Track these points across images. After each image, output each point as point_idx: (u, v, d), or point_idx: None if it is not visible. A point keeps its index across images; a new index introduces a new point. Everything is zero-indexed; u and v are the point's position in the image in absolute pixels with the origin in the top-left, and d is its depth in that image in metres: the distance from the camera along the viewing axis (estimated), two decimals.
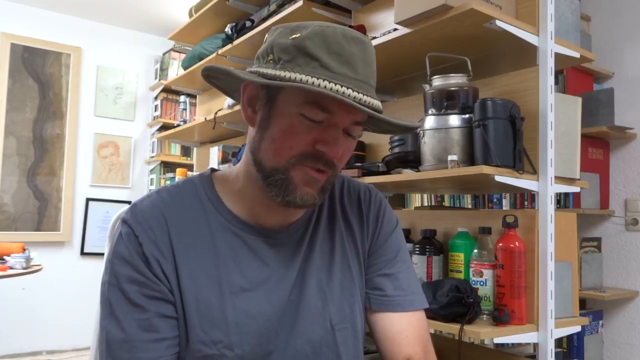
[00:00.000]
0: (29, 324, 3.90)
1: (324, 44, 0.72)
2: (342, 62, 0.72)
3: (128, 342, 0.75)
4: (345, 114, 0.74)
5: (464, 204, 2.61)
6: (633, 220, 2.36)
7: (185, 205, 0.82)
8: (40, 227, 4.02)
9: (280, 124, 0.75)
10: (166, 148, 4.42)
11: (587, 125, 2.28)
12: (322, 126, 0.74)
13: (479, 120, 1.35)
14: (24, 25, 4.03)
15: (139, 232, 0.77)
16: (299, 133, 0.74)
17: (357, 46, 0.73)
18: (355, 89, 0.72)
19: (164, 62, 4.41)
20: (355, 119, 0.76)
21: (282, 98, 0.75)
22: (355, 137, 0.79)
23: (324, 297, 0.85)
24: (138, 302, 0.76)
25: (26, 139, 4.01)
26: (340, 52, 0.72)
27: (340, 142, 0.75)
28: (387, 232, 0.93)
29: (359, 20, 2.03)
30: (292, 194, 0.76)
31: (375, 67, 0.77)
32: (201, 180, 0.86)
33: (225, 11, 2.70)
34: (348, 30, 0.74)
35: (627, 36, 2.45)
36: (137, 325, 0.75)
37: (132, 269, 0.76)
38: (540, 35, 1.43)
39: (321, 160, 0.75)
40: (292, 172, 0.75)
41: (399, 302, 0.88)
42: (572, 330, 1.44)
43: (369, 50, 0.76)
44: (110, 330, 0.76)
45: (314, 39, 0.72)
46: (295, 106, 0.74)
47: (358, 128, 0.78)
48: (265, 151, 0.77)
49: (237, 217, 0.82)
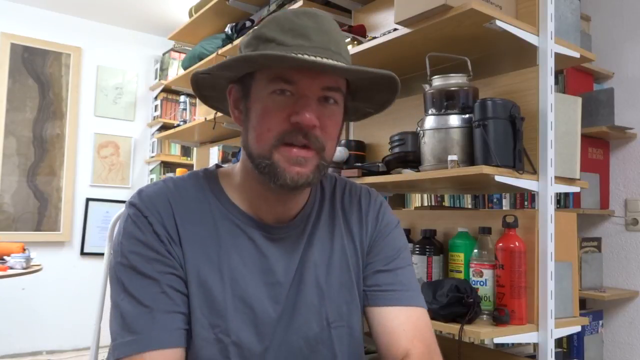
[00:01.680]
0: (29, 324, 3.90)
1: (277, 26, 0.77)
2: (295, 35, 0.75)
3: (145, 313, 0.74)
4: (310, 80, 0.76)
5: (464, 204, 2.61)
6: (633, 220, 2.36)
7: (189, 195, 0.83)
8: (40, 227, 4.02)
9: (257, 110, 0.78)
10: (166, 148, 4.43)
11: (587, 125, 2.28)
12: (293, 100, 0.76)
13: (479, 120, 1.35)
14: (24, 25, 4.03)
15: (148, 214, 0.78)
16: (273, 113, 0.76)
17: (308, 19, 0.77)
18: (312, 55, 0.74)
19: (164, 62, 4.41)
20: (324, 84, 0.77)
21: (254, 88, 0.79)
22: (335, 104, 0.80)
23: (321, 294, 0.85)
24: (153, 275, 0.76)
25: (26, 139, 4.01)
26: (292, 28, 0.76)
27: (311, 108, 0.76)
28: (386, 231, 0.93)
29: (359, 20, 2.03)
30: (282, 177, 0.76)
31: (335, 35, 0.79)
32: (206, 174, 0.88)
33: (225, 11, 2.70)
34: (300, 8, 0.80)
35: (627, 36, 2.45)
36: (153, 296, 0.75)
37: (144, 246, 0.77)
38: (540, 35, 1.43)
39: (300, 133, 0.76)
40: (275, 156, 0.77)
41: (397, 296, 0.87)
42: (572, 330, 1.44)
43: (323, 19, 0.78)
44: (124, 306, 0.75)
45: (268, 25, 0.79)
46: (264, 89, 0.77)
47: (333, 94, 0.79)
48: (251, 141, 0.79)
49: (240, 210, 0.84)
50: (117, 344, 0.74)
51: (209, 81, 0.85)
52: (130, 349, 0.73)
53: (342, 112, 0.83)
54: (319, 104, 0.77)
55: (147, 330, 0.73)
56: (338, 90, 0.79)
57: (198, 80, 0.85)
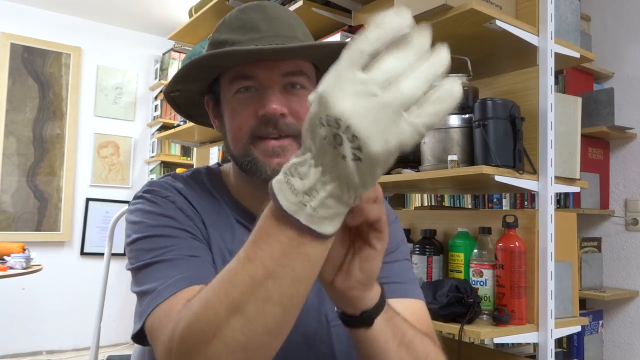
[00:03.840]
0: (29, 324, 3.90)
1: (227, 27, 0.79)
2: (245, 31, 0.77)
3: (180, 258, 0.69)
4: (268, 71, 0.75)
5: (464, 204, 2.61)
6: (633, 220, 2.36)
7: (196, 189, 0.84)
8: (40, 227, 4.02)
9: (227, 112, 0.80)
10: (166, 148, 4.42)
11: (587, 125, 2.28)
12: (257, 94, 0.76)
13: (479, 120, 1.35)
14: (24, 25, 4.03)
15: (168, 194, 0.78)
16: (241, 111, 0.77)
17: (254, 12, 0.78)
18: (262, 45, 0.74)
19: (164, 62, 4.41)
20: (283, 71, 0.76)
21: (222, 93, 0.81)
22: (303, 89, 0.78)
23: (320, 293, 0.84)
24: (185, 228, 0.73)
25: (26, 139, 4.01)
26: (241, 25, 0.78)
27: (275, 97, 0.75)
28: None
29: (359, 20, 2.03)
30: (264, 170, 0.76)
31: (286, 19, 0.79)
32: (209, 172, 0.89)
33: (225, 11, 2.69)
34: (246, 4, 0.80)
35: (627, 36, 2.45)
36: (187, 244, 0.72)
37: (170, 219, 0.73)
38: (540, 35, 1.43)
39: (270, 124, 0.75)
40: (254, 152, 0.77)
41: (394, 288, 0.85)
42: (572, 330, 1.44)
43: (270, 9, 0.79)
44: (151, 262, 0.69)
45: (219, 29, 0.81)
46: (229, 91, 0.78)
47: (297, 79, 0.77)
48: (230, 144, 0.80)
49: (242, 207, 0.84)
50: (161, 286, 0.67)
51: (187, 99, 0.86)
52: (177, 285, 0.65)
53: None
54: (285, 92, 0.77)
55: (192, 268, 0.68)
56: (301, 73, 0.78)
57: (175, 100, 0.86)
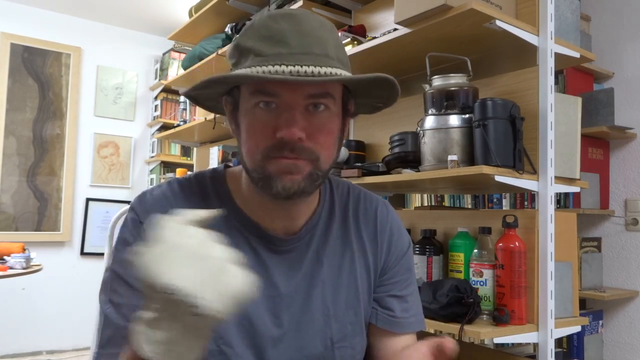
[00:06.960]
0: (29, 324, 3.90)
1: (254, 34, 0.73)
2: (273, 43, 0.71)
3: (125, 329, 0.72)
4: (291, 92, 0.72)
5: (464, 204, 2.61)
6: (633, 220, 2.36)
7: (194, 198, 0.81)
8: (40, 227, 4.02)
9: (244, 124, 0.76)
10: (166, 148, 4.42)
11: (587, 125, 2.28)
12: (277, 112, 0.73)
13: (479, 120, 1.35)
14: (24, 25, 4.03)
15: (145, 220, 0.77)
16: (259, 128, 0.74)
17: (286, 22, 0.72)
18: (291, 64, 0.70)
19: (164, 62, 4.41)
20: (308, 92, 0.72)
21: (241, 101, 0.77)
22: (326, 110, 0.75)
23: (327, 313, 0.84)
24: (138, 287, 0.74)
25: (26, 139, 4.01)
26: (269, 35, 0.72)
27: (295, 121, 0.72)
28: (401, 253, 0.92)
29: (359, 20, 2.03)
30: (275, 186, 0.74)
31: (319, 34, 0.74)
32: (213, 175, 0.86)
33: (225, 11, 2.70)
34: (278, 10, 0.75)
35: (627, 36, 2.45)
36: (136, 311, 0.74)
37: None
38: (540, 35, 1.43)
39: (286, 147, 0.72)
40: (268, 167, 0.74)
41: (404, 323, 0.89)
42: (572, 330, 1.44)
43: (303, 20, 0.73)
44: (109, 313, 0.74)
45: (245, 34, 0.75)
46: (248, 102, 0.75)
47: (322, 100, 0.74)
48: (244, 155, 0.77)
49: (244, 215, 0.82)
50: (98, 353, 0.73)
51: (203, 95, 0.83)
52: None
53: (339, 115, 0.79)
54: (306, 113, 0.73)
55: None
56: (327, 95, 0.74)
57: (193, 97, 0.84)
